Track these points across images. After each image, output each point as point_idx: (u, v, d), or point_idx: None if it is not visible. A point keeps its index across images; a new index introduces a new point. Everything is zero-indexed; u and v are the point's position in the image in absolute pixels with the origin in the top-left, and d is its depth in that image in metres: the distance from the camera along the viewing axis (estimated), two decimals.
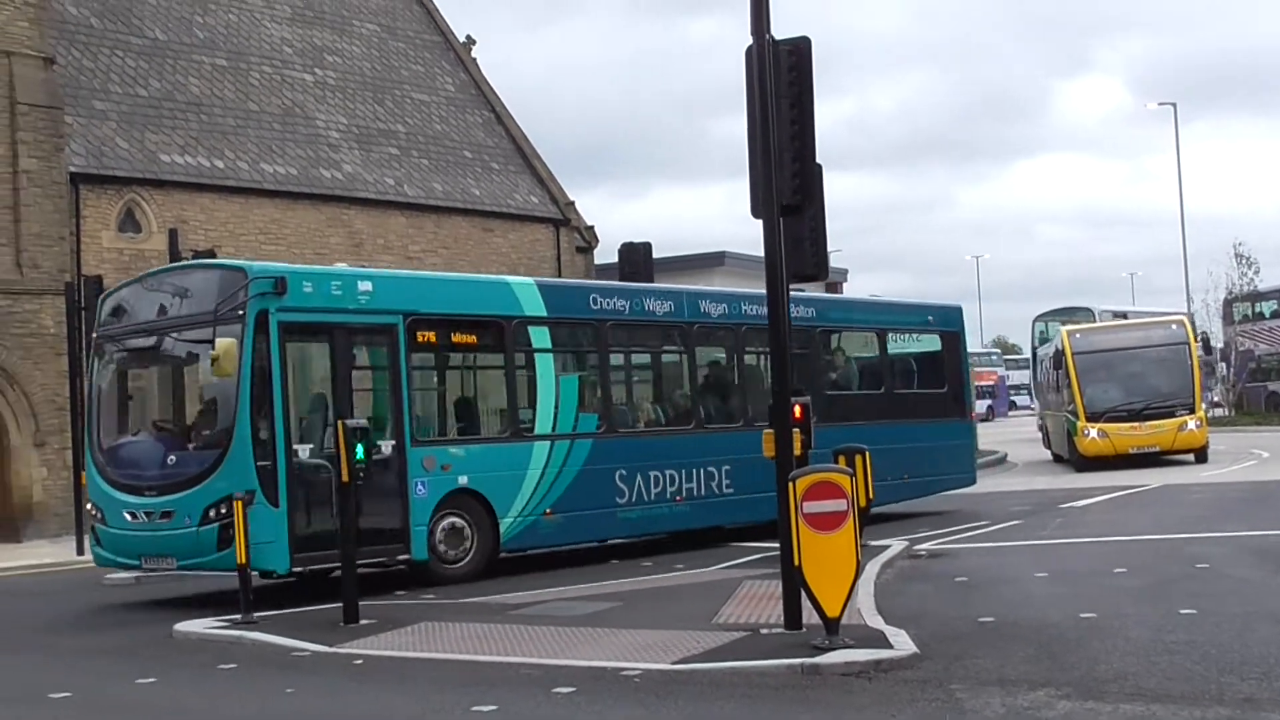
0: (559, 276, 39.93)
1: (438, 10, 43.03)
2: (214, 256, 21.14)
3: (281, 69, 36.11)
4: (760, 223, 11.45)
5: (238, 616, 13.52)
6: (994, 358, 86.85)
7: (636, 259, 24.04)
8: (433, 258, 36.57)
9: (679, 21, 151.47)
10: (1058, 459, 36.97)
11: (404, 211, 36.21)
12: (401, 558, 16.29)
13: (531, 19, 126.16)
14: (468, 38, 43.13)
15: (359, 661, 11.33)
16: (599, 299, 19.14)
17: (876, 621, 11.52)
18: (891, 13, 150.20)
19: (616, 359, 19.88)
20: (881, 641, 10.56)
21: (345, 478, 13.06)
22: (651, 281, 24.41)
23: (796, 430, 12.00)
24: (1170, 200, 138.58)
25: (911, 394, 23.48)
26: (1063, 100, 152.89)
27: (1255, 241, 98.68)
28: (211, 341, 15.10)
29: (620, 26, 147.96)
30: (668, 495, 19.20)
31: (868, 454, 15.08)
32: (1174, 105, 60.64)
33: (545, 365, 18.27)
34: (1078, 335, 34.55)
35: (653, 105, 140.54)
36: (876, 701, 9.01)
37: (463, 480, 16.63)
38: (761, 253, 11.64)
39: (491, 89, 42.42)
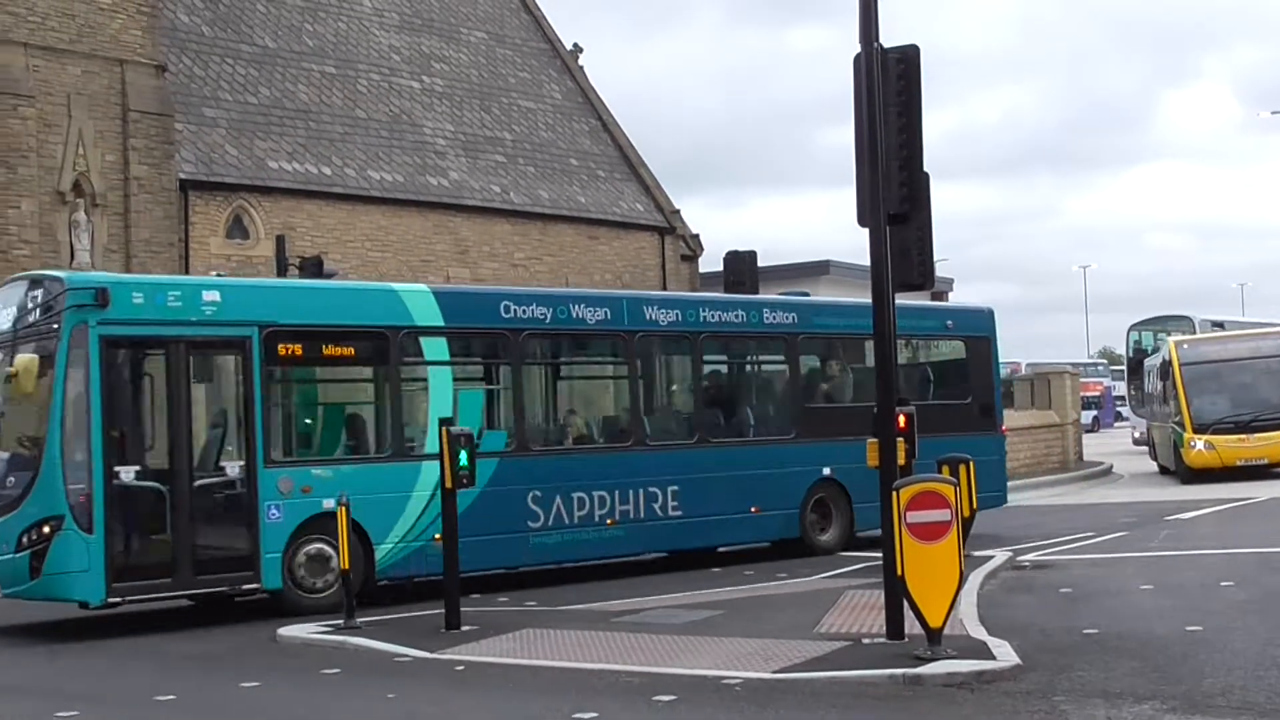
0: (663, 285, 40.06)
1: (545, 18, 43.30)
2: (320, 264, 21.37)
3: (389, 76, 36.55)
4: (866, 231, 11.44)
5: (341, 621, 13.69)
6: (1100, 368, 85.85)
7: (741, 268, 24.05)
8: (538, 265, 36.83)
9: (782, 31, 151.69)
10: (1164, 470, 36.40)
11: (509, 219, 36.46)
12: (249, 586, 15.27)
13: (637, 28, 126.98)
14: (575, 45, 43.36)
15: (460, 668, 11.44)
16: (513, 307, 17.61)
17: (979, 632, 11.45)
18: (996, 24, 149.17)
19: (536, 371, 18.73)
20: (984, 652, 10.50)
21: (449, 484, 13.22)
22: (757, 291, 24.29)
23: (902, 440, 11.98)
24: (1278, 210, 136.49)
25: (925, 406, 19.77)
26: (1169, 110, 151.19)
27: None
28: (11, 358, 14.60)
29: (724, 35, 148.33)
30: (596, 519, 17.78)
31: (972, 464, 15.03)
32: None
33: (441, 379, 17.10)
34: (1185, 346, 34.07)
35: (755, 114, 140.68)
36: (979, 712, 8.98)
37: (327, 504, 15.03)
38: (867, 261, 11.63)
39: (598, 96, 42.61)
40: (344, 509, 13.74)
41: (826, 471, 19.76)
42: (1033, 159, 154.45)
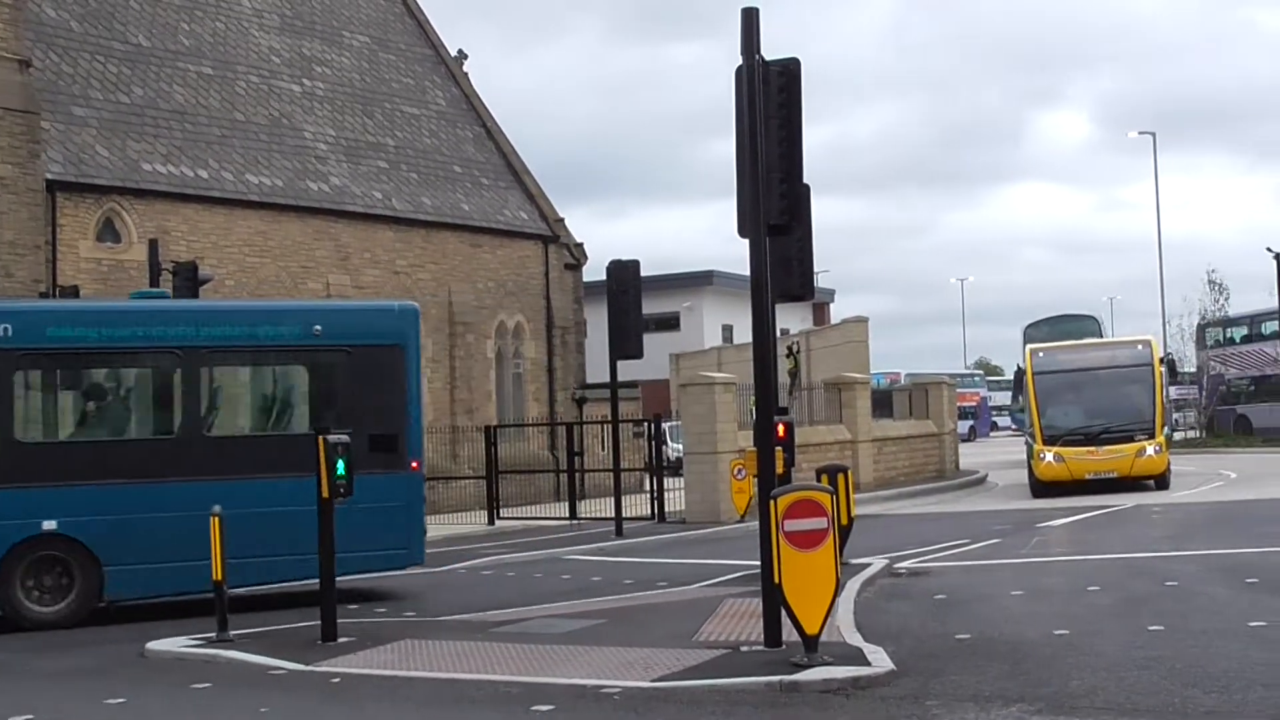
0: (548, 293, 40.08)
1: (430, 23, 43.09)
2: (196, 269, 21.04)
3: (269, 79, 36.11)
4: (746, 242, 11.53)
5: (214, 634, 13.43)
6: (976, 379, 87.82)
7: (625, 276, 24.05)
8: (420, 273, 36.65)
9: (661, 45, 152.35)
10: None
11: (392, 226, 36.24)
12: None
13: (515, 39, 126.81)
14: (459, 52, 43.20)
15: (336, 680, 11.32)
16: None
17: (855, 639, 11.59)
18: (869, 43, 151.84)
19: None
20: (860, 659, 10.63)
21: (326, 494, 13.09)
22: (640, 299, 24.29)
23: (779, 449, 12.10)
24: (1140, 227, 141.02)
25: (267, 439, 17.31)
26: (1037, 130, 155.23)
27: (1222, 269, 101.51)
28: None
29: (604, 48, 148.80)
30: None
31: (849, 473, 15.23)
32: (1153, 135, 60.84)
33: None
34: (1041, 354, 32.92)
35: (635, 125, 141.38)
36: (854, 718, 9.11)
37: None
38: (747, 271, 11.72)
39: (483, 104, 42.49)
40: (216, 519, 13.54)
41: (50, 525, 15.77)
42: (907, 175, 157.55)
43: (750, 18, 11.50)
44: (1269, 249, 49.04)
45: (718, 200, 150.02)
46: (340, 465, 13.07)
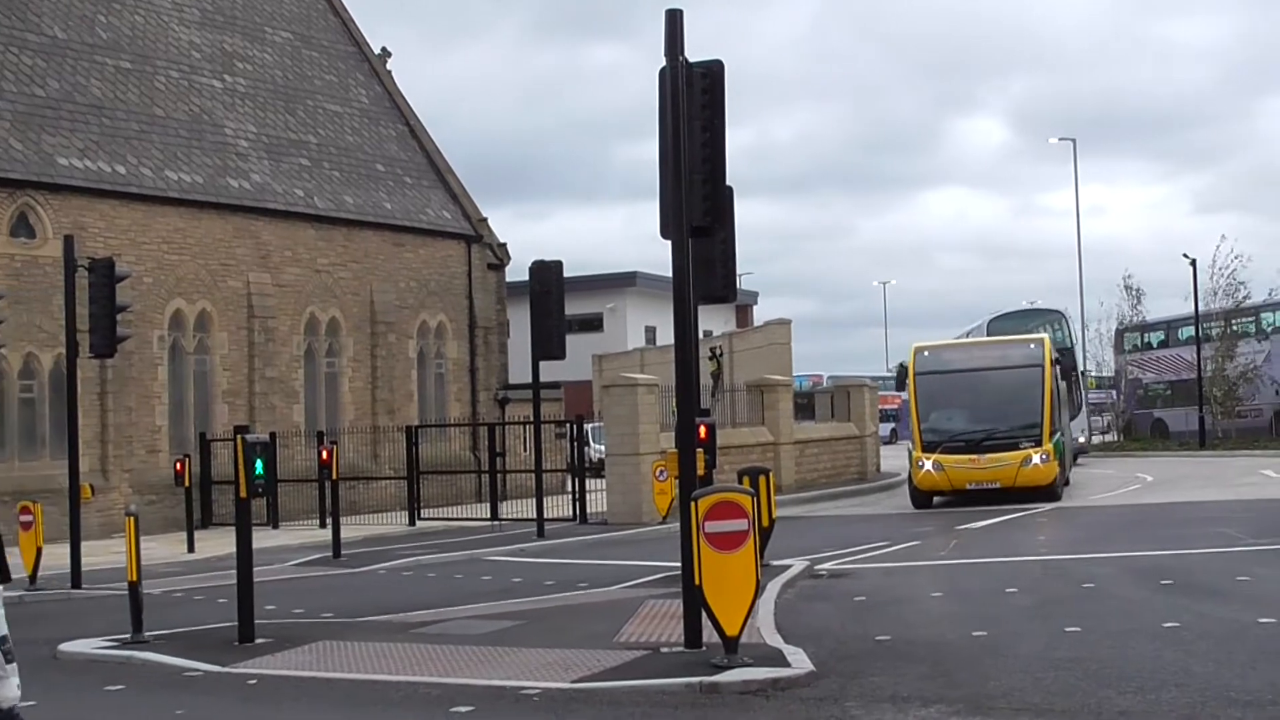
0: (470, 293, 39.95)
1: (353, 21, 42.76)
2: (113, 266, 20.74)
3: (189, 74, 35.68)
4: (669, 244, 11.53)
5: (128, 636, 13.26)
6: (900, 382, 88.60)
7: (548, 277, 23.99)
8: (342, 271, 36.40)
9: (577, 47, 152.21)
10: None
11: (314, 224, 35.96)
12: None
13: (432, 39, 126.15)
14: (383, 50, 42.91)
15: (253, 681, 11.21)
16: None
17: (776, 640, 11.63)
18: (786, 47, 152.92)
19: None
20: (780, 660, 10.66)
21: (244, 493, 12.96)
22: (563, 300, 24.23)
23: (700, 450, 12.12)
24: (1058, 233, 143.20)
25: None
26: (954, 135, 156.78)
27: (1138, 275, 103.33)
28: None
29: (519, 50, 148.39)
30: None
31: (770, 475, 15.28)
32: (1073, 140, 61.62)
33: None
34: (926, 353, 30.13)
35: (552, 127, 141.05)
36: (773, 719, 9.12)
37: None
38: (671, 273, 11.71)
39: (406, 102, 42.25)
40: (131, 520, 13.36)
41: None
42: (827, 179, 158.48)
43: (674, 19, 11.50)
44: (1185, 255, 49.88)
45: (635, 202, 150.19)
46: (259, 465, 12.95)
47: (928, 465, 28.08)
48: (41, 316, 29.18)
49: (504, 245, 41.91)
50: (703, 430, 13.06)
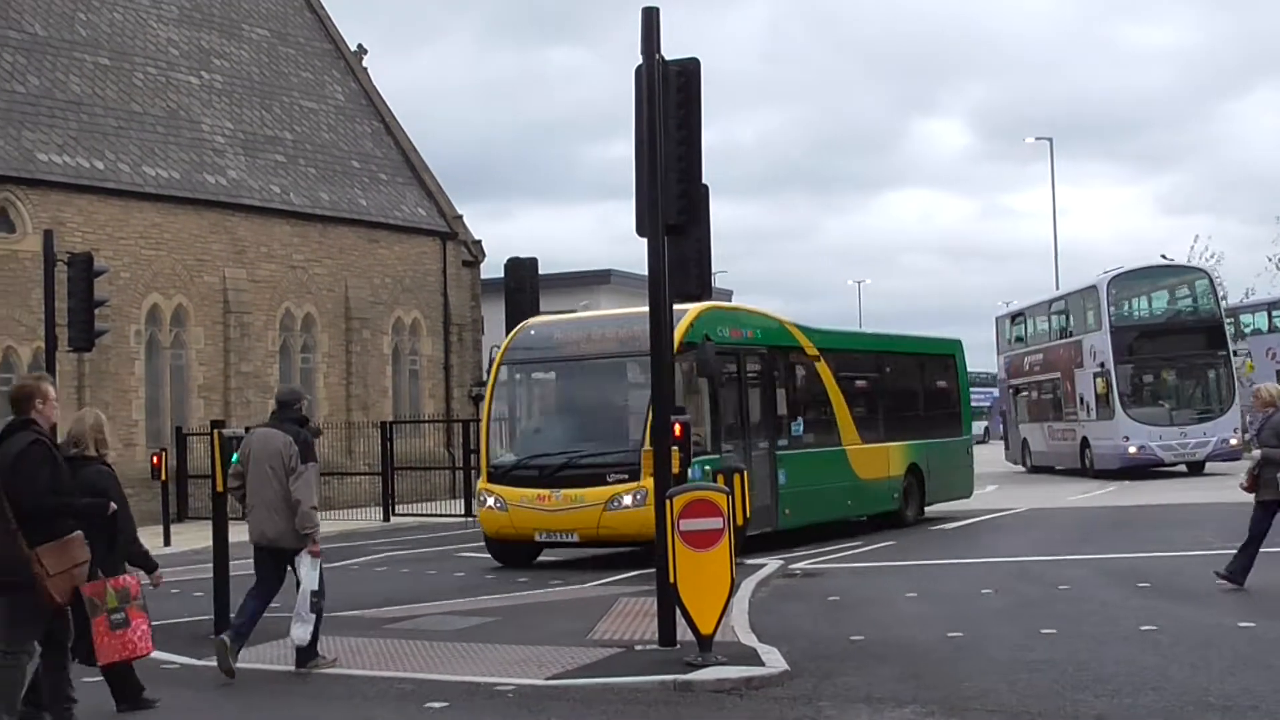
0: (445, 290, 39.93)
1: (330, 18, 42.69)
2: (92, 261, 20.71)
3: (167, 70, 35.60)
4: (644, 242, 11.55)
5: None
6: None
7: (523, 274, 24.01)
8: (317, 267, 36.33)
9: (536, 49, 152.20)
10: None
11: (289, 220, 35.90)
12: None
13: (394, 39, 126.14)
14: (359, 47, 42.86)
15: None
16: None
17: (750, 639, 11.66)
18: (746, 49, 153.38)
19: None
20: (754, 659, 10.69)
21: (220, 487, 12.94)
22: (538, 299, 24.21)
23: (675, 448, 12.14)
24: (1023, 235, 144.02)
25: None
26: (915, 137, 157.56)
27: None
28: None
29: (478, 52, 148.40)
30: None
31: (745, 473, 15.30)
32: (1050, 140, 61.60)
33: None
34: (531, 332, 20.65)
35: (516, 127, 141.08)
36: (747, 718, 9.15)
37: None
38: (646, 271, 11.73)
39: (382, 99, 42.21)
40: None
41: None
42: (789, 179, 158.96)
43: (650, 17, 11.54)
44: (1164, 255, 49.65)
45: (603, 201, 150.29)
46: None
47: (489, 501, 19.25)
48: (20, 310, 29.07)
49: (479, 242, 41.92)
50: (678, 428, 13.05)
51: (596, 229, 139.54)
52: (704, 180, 11.74)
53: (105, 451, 9.61)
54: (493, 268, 38.54)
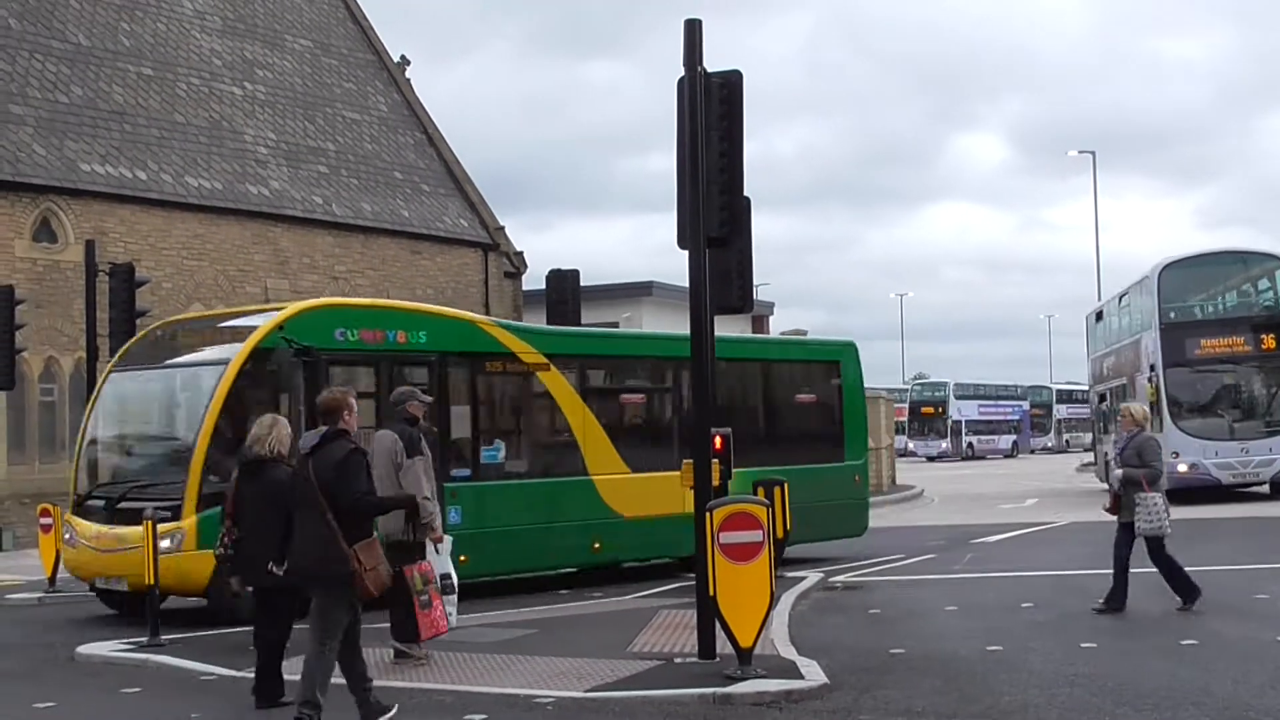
0: (486, 301, 39.99)
1: (373, 29, 42.90)
2: (133, 271, 20.84)
3: (210, 81, 35.84)
4: (685, 254, 11.55)
5: (144, 639, 13.28)
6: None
7: (565, 287, 24.06)
8: (359, 278, 36.46)
9: (576, 62, 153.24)
10: None
11: (331, 231, 36.06)
12: None
13: (434, 51, 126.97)
14: (402, 58, 43.04)
15: None
16: None
17: (789, 652, 11.60)
18: (786, 63, 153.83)
19: None
20: (793, 672, 10.65)
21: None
22: (579, 309, 24.23)
23: (715, 461, 12.12)
24: (1063, 247, 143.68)
25: None
26: (954, 151, 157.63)
27: None
28: None
29: (519, 64, 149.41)
30: None
31: (785, 485, 15.27)
32: (1093, 154, 61.26)
33: None
34: (158, 334, 17.99)
35: (555, 140, 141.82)
36: None
37: None
38: (687, 283, 11.73)
39: (424, 110, 42.36)
40: (149, 524, 13.39)
41: None
42: (829, 192, 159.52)
43: (693, 29, 11.53)
44: None
45: (641, 214, 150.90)
46: None
47: (66, 534, 16.68)
48: (62, 320, 29.29)
49: (520, 254, 41.97)
50: (718, 441, 13.03)
51: (635, 241, 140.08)
52: (745, 192, 11.73)
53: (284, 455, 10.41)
54: (534, 279, 38.63)
